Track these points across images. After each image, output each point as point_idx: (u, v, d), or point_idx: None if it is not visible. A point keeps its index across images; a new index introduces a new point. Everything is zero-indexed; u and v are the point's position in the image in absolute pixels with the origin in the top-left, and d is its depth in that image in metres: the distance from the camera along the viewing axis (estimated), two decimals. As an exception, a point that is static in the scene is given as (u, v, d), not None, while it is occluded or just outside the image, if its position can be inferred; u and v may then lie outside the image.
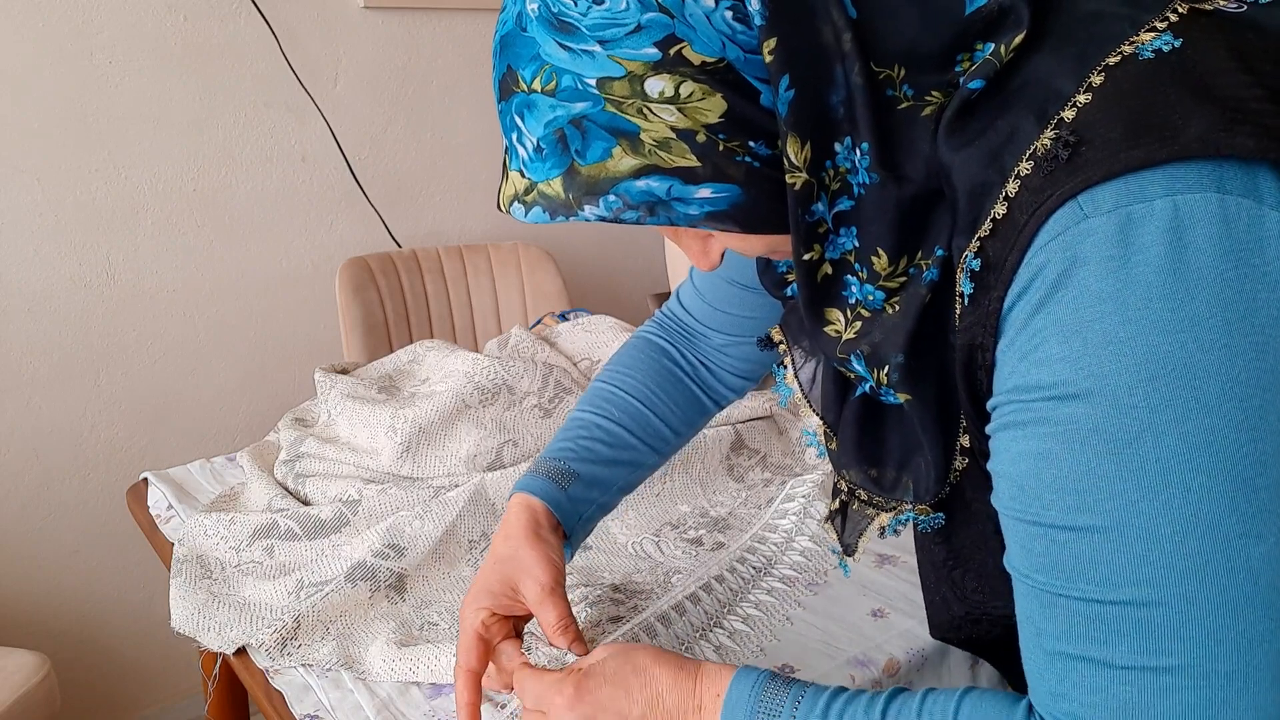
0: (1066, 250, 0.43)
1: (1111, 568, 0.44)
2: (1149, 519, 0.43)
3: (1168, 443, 0.42)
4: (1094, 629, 0.45)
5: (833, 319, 0.55)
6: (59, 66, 1.55)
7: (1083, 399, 0.43)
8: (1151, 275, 0.41)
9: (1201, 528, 0.42)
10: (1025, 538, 0.48)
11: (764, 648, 0.84)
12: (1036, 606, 0.48)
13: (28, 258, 1.59)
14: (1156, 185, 0.41)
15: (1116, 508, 0.43)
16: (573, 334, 1.33)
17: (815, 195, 0.50)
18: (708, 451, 1.13)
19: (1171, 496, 0.42)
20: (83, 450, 1.70)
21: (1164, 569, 0.43)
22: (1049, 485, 0.45)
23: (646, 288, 2.31)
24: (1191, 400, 0.42)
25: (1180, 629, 0.43)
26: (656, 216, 0.50)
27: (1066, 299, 0.43)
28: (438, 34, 1.90)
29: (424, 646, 0.84)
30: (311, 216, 1.85)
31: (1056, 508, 0.45)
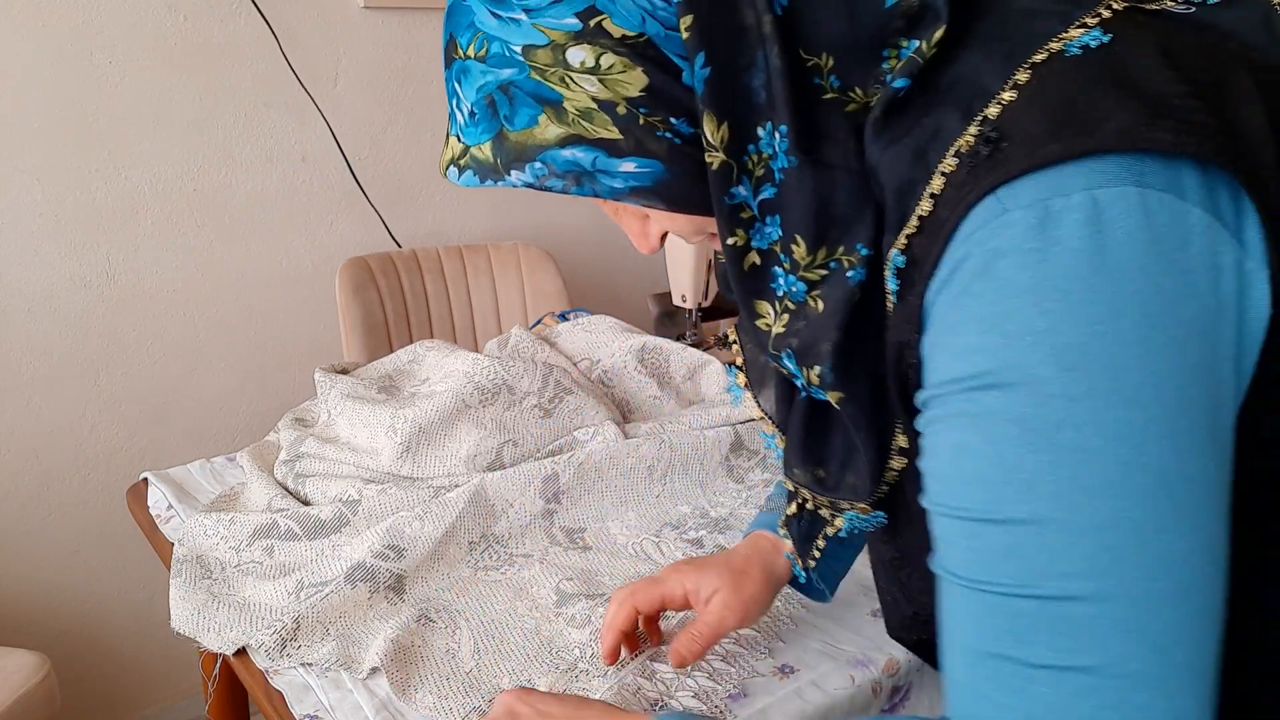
0: (986, 243, 0.42)
1: (1029, 561, 0.43)
2: (1066, 512, 0.42)
3: (1086, 435, 0.41)
4: (1011, 625, 0.43)
5: (763, 311, 0.55)
6: (59, 66, 1.55)
7: (1001, 390, 0.43)
8: (1070, 267, 0.41)
9: (1119, 522, 0.41)
10: (948, 532, 0.47)
11: (771, 649, 0.84)
12: (957, 605, 0.47)
13: (28, 258, 1.59)
14: (1076, 179, 0.41)
15: (1034, 500, 0.42)
16: (573, 334, 1.33)
17: (735, 178, 0.50)
18: (707, 452, 1.14)
19: (1088, 490, 0.41)
20: (83, 450, 1.70)
21: (1081, 563, 0.41)
22: (969, 478, 0.45)
23: (646, 288, 2.31)
24: (1110, 392, 0.41)
25: (1097, 627, 0.41)
26: (582, 187, 0.52)
27: (986, 291, 0.43)
28: (438, 34, 1.90)
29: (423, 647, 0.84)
30: (311, 216, 1.85)
31: (976, 500, 0.44)
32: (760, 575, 0.78)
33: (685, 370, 1.31)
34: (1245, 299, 0.42)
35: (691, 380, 1.32)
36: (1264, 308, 0.43)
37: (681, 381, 1.31)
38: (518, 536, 1.01)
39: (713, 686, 0.78)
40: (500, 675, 0.80)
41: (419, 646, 0.84)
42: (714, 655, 0.82)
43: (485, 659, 0.83)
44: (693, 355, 1.32)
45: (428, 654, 0.83)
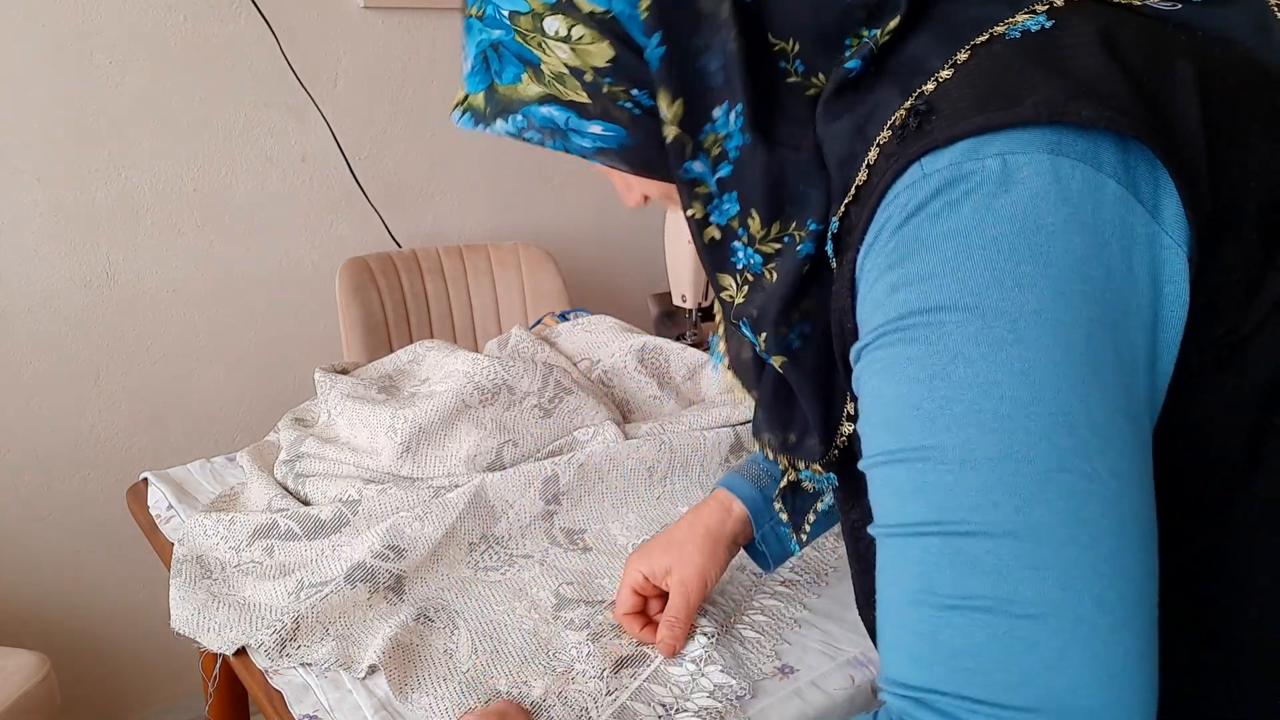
0: (905, 205, 0.45)
1: (933, 496, 0.43)
2: (962, 445, 0.42)
3: (979, 370, 0.42)
4: (921, 566, 0.44)
5: (725, 284, 0.58)
6: (59, 66, 1.55)
7: (902, 334, 0.45)
8: (975, 218, 0.42)
9: (1015, 456, 0.41)
10: (872, 486, 0.48)
11: (776, 650, 0.84)
12: (883, 562, 0.47)
13: (28, 258, 1.59)
14: (991, 146, 0.43)
15: (934, 433, 0.43)
16: (573, 334, 1.32)
17: (691, 153, 0.53)
18: (707, 454, 1.13)
19: (983, 423, 0.42)
20: (83, 450, 1.70)
21: (979, 497, 0.42)
22: (880, 423, 0.46)
23: (646, 288, 2.31)
24: (1007, 332, 0.42)
25: (1001, 563, 0.41)
26: (555, 142, 0.56)
27: (899, 247, 0.45)
28: (438, 34, 1.90)
29: (421, 647, 0.84)
30: (311, 216, 1.85)
31: (887, 442, 0.46)
32: (702, 542, 0.82)
33: (685, 370, 1.31)
34: (1160, 274, 0.43)
35: (691, 380, 1.32)
36: (1182, 287, 0.43)
37: (681, 381, 1.31)
38: (518, 537, 1.01)
39: (727, 682, 0.78)
40: (497, 676, 0.80)
41: (417, 646, 0.84)
42: (725, 650, 0.82)
43: (482, 660, 0.83)
44: (693, 355, 1.32)
45: (425, 654, 0.83)
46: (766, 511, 0.84)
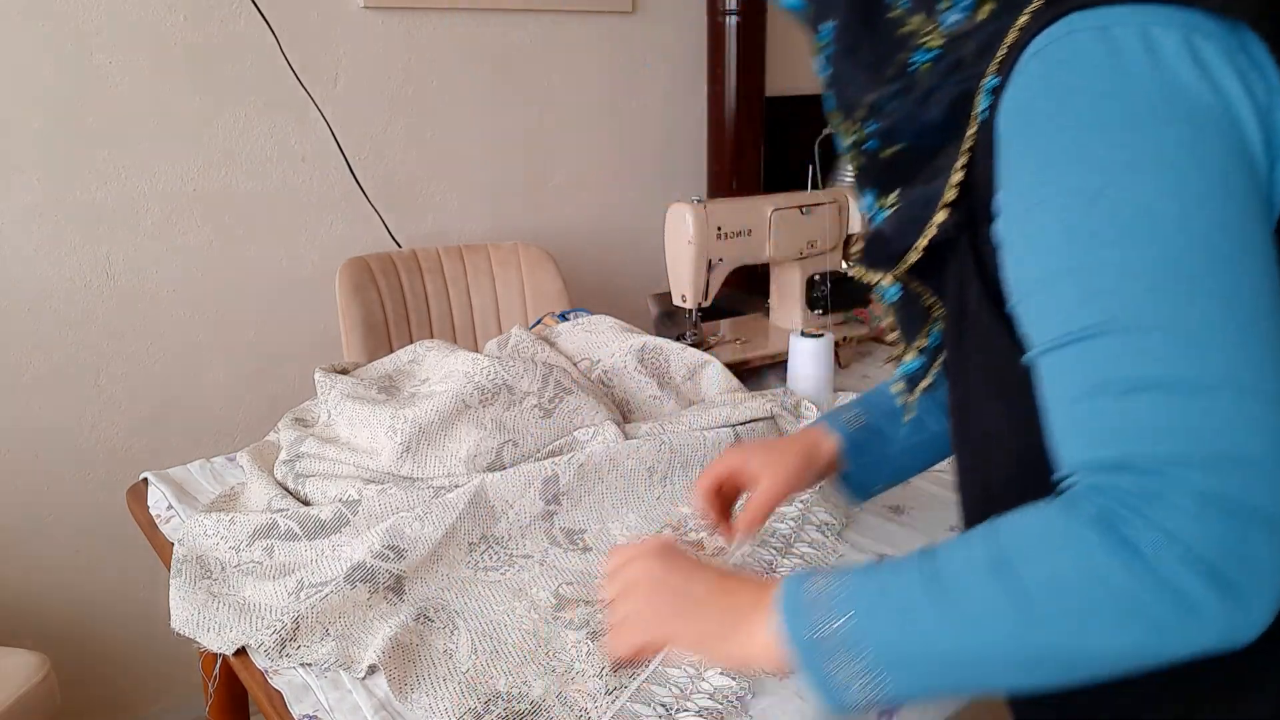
0: (1051, 58, 0.51)
1: (1101, 300, 0.50)
2: (1125, 251, 0.49)
3: (1135, 193, 0.49)
4: (1097, 365, 0.50)
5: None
6: (59, 66, 1.55)
7: (1058, 171, 0.51)
8: (1123, 70, 0.50)
9: (1176, 260, 0.48)
10: (1030, 314, 0.54)
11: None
12: (1052, 378, 0.52)
13: (28, 258, 1.59)
14: (1136, 15, 0.50)
15: (1098, 247, 0.50)
16: (573, 334, 1.32)
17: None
18: (707, 454, 1.14)
19: (1140, 237, 0.49)
20: (83, 450, 1.70)
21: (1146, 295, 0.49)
22: (1042, 250, 0.52)
23: (646, 288, 2.31)
24: (1151, 160, 0.49)
25: (1169, 350, 0.48)
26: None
27: (1048, 96, 0.52)
28: (438, 34, 1.90)
29: (420, 646, 0.84)
30: (311, 216, 1.85)
31: (1049, 265, 0.52)
32: (799, 453, 0.90)
33: (685, 370, 1.31)
34: (1274, 141, 0.50)
35: (691, 380, 1.32)
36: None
37: (681, 381, 1.31)
38: (518, 537, 1.01)
39: (728, 683, 0.78)
40: (497, 676, 0.80)
41: (417, 646, 0.84)
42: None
43: (482, 660, 0.82)
44: (693, 355, 1.32)
45: (425, 654, 0.83)
46: (857, 452, 0.92)
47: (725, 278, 1.48)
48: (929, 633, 0.52)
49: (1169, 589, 0.46)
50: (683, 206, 1.43)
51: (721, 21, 2.22)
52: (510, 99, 2.04)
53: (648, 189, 2.33)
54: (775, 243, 1.49)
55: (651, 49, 2.24)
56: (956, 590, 0.51)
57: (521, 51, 2.03)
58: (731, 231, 1.45)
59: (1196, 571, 0.45)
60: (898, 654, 0.53)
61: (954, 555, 0.53)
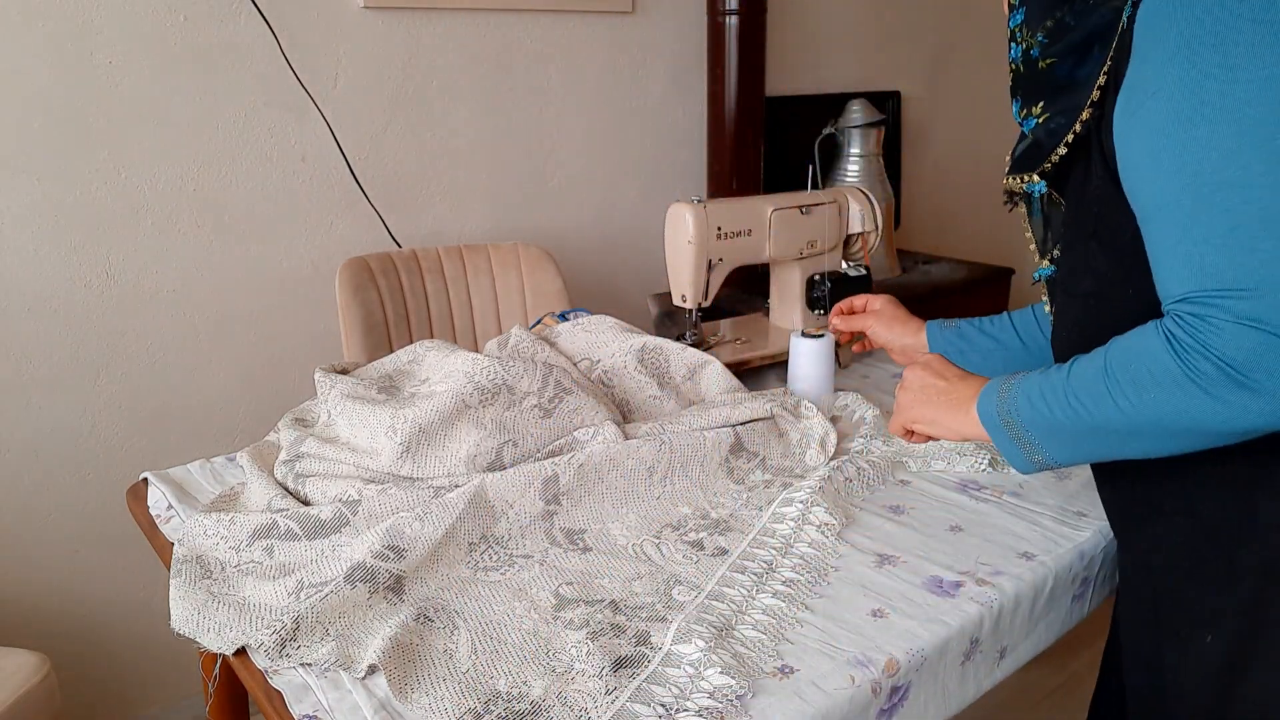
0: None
1: (1191, 173, 0.67)
2: (1223, 142, 0.65)
3: (1235, 95, 0.65)
4: (1185, 221, 0.68)
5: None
6: (59, 66, 1.55)
7: (1176, 68, 0.67)
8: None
9: (1259, 147, 0.64)
10: (1150, 201, 0.72)
11: (778, 650, 0.84)
12: (1159, 228, 0.72)
13: (28, 258, 1.59)
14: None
15: (1210, 124, 0.66)
16: (573, 334, 1.32)
17: None
18: (707, 454, 1.14)
19: (1250, 121, 0.65)
20: (83, 450, 1.70)
21: (1223, 166, 0.66)
22: (1164, 133, 0.69)
23: (646, 287, 2.31)
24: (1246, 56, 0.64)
25: (1237, 206, 0.66)
26: None
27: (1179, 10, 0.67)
28: (438, 34, 1.90)
29: (420, 646, 0.84)
30: (311, 216, 1.85)
31: (1155, 144, 0.70)
32: (915, 327, 1.25)
33: (685, 370, 1.31)
34: None
35: (691, 380, 1.32)
36: None
37: (681, 381, 1.31)
38: (518, 538, 1.01)
39: (727, 682, 0.78)
40: (497, 676, 0.80)
41: (417, 646, 0.84)
42: (725, 651, 0.82)
43: (482, 660, 0.82)
44: (693, 355, 1.32)
45: (425, 654, 0.83)
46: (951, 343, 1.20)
47: (725, 278, 1.48)
48: (1067, 415, 0.78)
49: (1200, 377, 0.68)
50: (683, 206, 1.43)
51: (721, 21, 2.22)
52: (510, 99, 2.04)
53: (648, 189, 2.33)
54: (775, 243, 1.49)
55: (651, 49, 2.24)
56: (1080, 387, 0.77)
57: (521, 51, 2.03)
58: (731, 231, 1.45)
59: (1220, 369, 0.67)
60: (1049, 429, 0.80)
61: (1083, 363, 0.78)
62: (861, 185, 1.65)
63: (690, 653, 0.82)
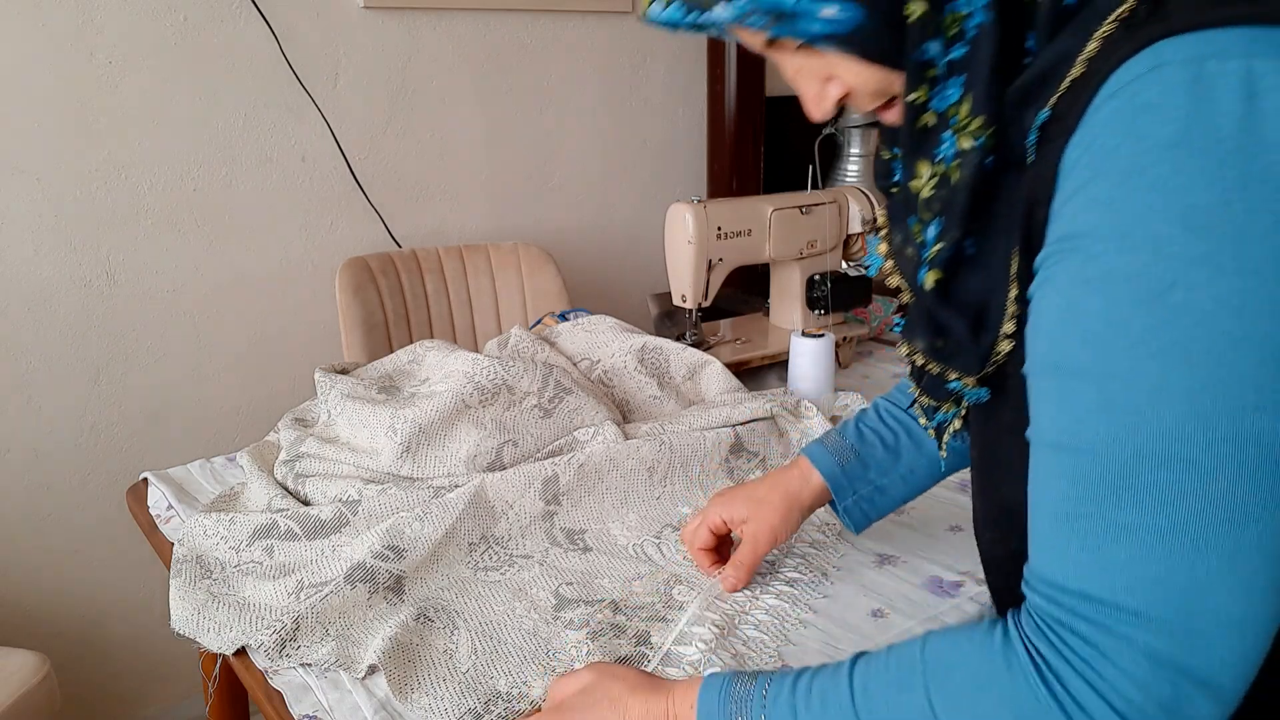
0: (1135, 97, 0.43)
1: (1119, 418, 0.44)
2: (1164, 373, 0.43)
3: (1198, 298, 0.42)
4: (1094, 484, 0.45)
5: (920, 171, 0.57)
6: (59, 66, 1.55)
7: (1121, 244, 0.43)
8: (1214, 130, 0.41)
9: (1215, 391, 0.42)
10: (1044, 392, 0.49)
11: (780, 651, 0.84)
12: (1045, 469, 0.49)
13: (28, 258, 1.59)
14: (1236, 44, 0.42)
15: (1135, 357, 0.43)
16: (573, 334, 1.32)
17: (930, 33, 0.52)
18: (707, 454, 1.14)
19: (1191, 354, 0.42)
20: (83, 450, 1.70)
21: (1170, 426, 0.43)
22: (1075, 333, 0.46)
23: (646, 287, 2.31)
24: (1230, 259, 0.41)
25: (1175, 490, 0.43)
26: (778, 28, 0.55)
27: (1125, 145, 0.43)
28: (438, 34, 1.90)
29: (420, 646, 0.84)
30: (311, 216, 1.85)
31: (1078, 354, 0.46)
32: (780, 503, 0.90)
33: (685, 370, 1.31)
34: None
35: (691, 380, 1.32)
36: None
37: (681, 381, 1.31)
38: (518, 538, 1.01)
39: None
40: (497, 676, 0.80)
41: (417, 646, 0.84)
42: (725, 652, 0.82)
43: (482, 660, 0.82)
44: (693, 355, 1.32)
45: (425, 654, 0.83)
46: (848, 486, 0.90)
47: (725, 278, 1.48)
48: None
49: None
50: (683, 206, 1.43)
51: (721, 21, 2.22)
52: (510, 99, 2.04)
53: (648, 189, 2.33)
54: (775, 243, 1.49)
55: (651, 49, 2.24)
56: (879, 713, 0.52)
57: (521, 51, 2.03)
58: (731, 231, 1.45)
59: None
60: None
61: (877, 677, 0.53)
62: (861, 185, 1.65)
63: (690, 653, 0.82)
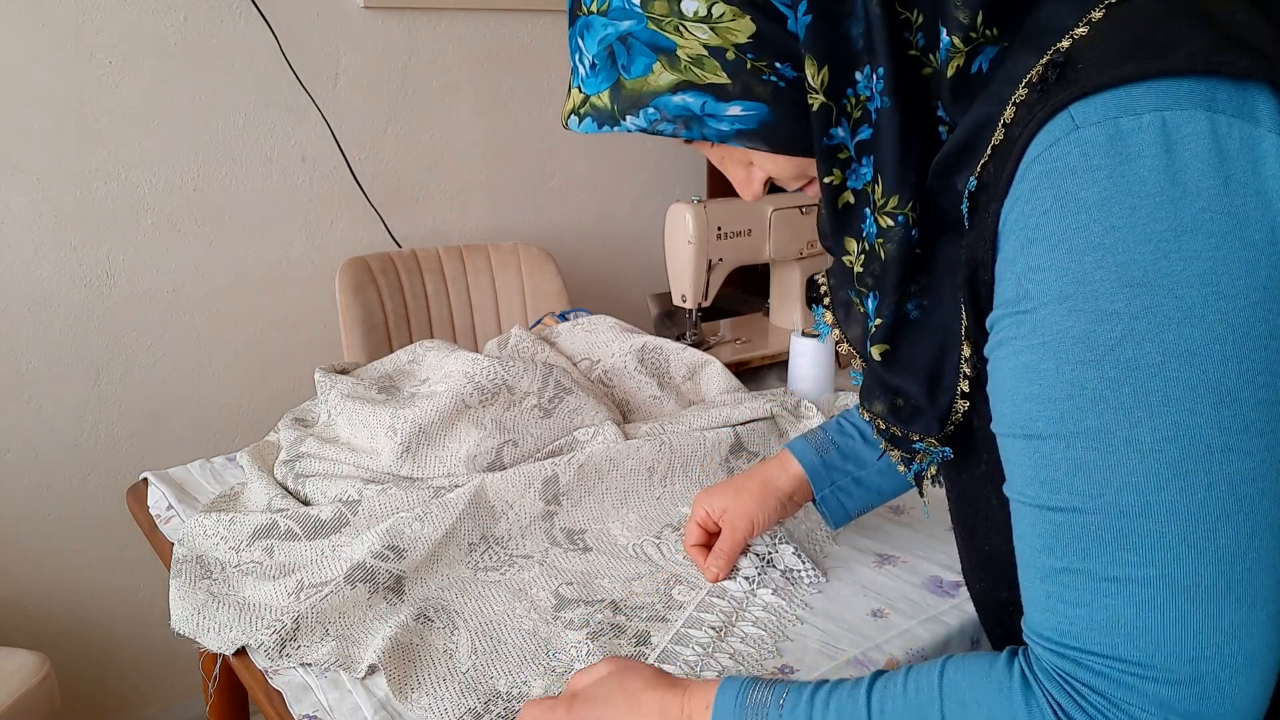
0: (1057, 160, 0.44)
1: (1094, 475, 0.44)
2: (1129, 428, 0.43)
3: (1147, 351, 0.42)
4: (1078, 540, 0.45)
5: (850, 248, 0.59)
6: (59, 66, 1.55)
7: (1066, 306, 0.44)
8: (1138, 185, 0.42)
9: (1181, 438, 0.42)
10: (1016, 454, 0.49)
11: (779, 648, 0.84)
12: (1029, 526, 0.49)
13: (28, 258, 1.59)
14: (1147, 99, 0.42)
15: (1098, 415, 0.44)
16: (573, 334, 1.32)
17: (835, 119, 0.54)
18: (707, 454, 1.14)
19: (1150, 406, 0.43)
20: (83, 450, 1.70)
21: (1143, 478, 0.43)
22: (1036, 396, 0.46)
23: (646, 287, 2.31)
24: (1173, 309, 0.42)
25: (1159, 540, 0.43)
26: (690, 130, 0.56)
27: (1055, 208, 0.44)
28: (438, 34, 1.90)
29: (420, 646, 0.84)
30: (311, 216, 1.85)
31: (1042, 418, 0.46)
32: (757, 490, 0.91)
33: (685, 370, 1.31)
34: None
35: (691, 380, 1.32)
36: None
37: (681, 381, 1.31)
38: (518, 538, 1.01)
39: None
40: (497, 676, 0.80)
41: (416, 646, 0.84)
42: (723, 653, 0.82)
43: (482, 660, 0.83)
44: (693, 355, 1.32)
45: (425, 654, 0.83)
46: (825, 476, 0.91)
47: (725, 278, 1.48)
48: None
49: None
50: (683, 206, 1.43)
51: (721, 21, 2.22)
52: (510, 99, 2.04)
53: (648, 189, 2.33)
54: (775, 243, 1.49)
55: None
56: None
57: (521, 51, 2.03)
58: (731, 231, 1.45)
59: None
60: None
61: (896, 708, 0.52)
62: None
63: (689, 654, 0.82)
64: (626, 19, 0.55)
